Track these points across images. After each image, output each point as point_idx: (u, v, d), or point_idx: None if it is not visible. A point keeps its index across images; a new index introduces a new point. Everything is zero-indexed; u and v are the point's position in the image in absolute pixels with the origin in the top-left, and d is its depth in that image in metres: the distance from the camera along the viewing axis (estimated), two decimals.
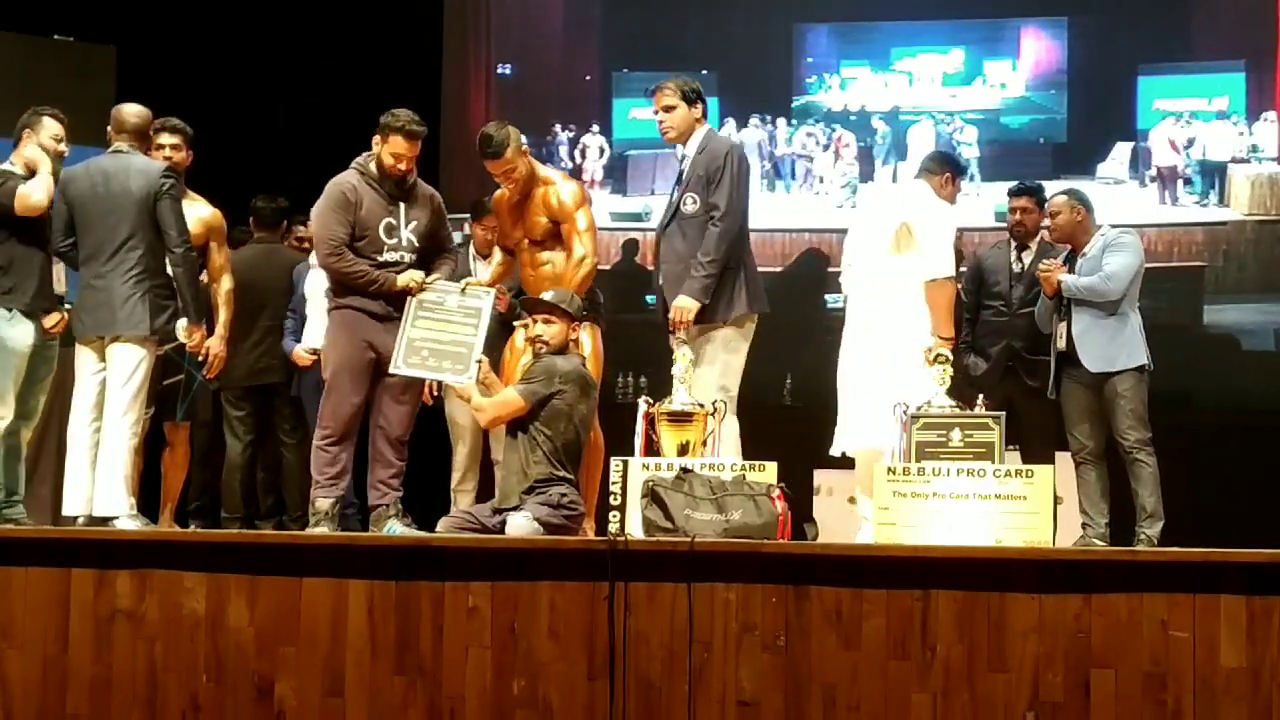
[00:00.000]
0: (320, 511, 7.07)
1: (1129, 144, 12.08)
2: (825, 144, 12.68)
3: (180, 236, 7.15)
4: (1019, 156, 12.39)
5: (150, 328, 7.06)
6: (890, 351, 7.05)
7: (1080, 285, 7.71)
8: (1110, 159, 12.08)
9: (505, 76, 12.66)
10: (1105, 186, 11.87)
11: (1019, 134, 12.60)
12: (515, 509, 6.74)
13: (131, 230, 7.09)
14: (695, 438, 6.63)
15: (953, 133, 12.46)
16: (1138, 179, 12.06)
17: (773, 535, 6.10)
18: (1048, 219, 8.15)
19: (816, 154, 12.68)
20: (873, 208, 7.69)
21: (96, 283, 7.11)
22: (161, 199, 7.11)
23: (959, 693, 5.71)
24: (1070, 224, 7.91)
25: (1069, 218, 7.91)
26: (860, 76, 12.83)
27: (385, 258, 7.19)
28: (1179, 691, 5.63)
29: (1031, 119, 12.60)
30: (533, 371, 6.96)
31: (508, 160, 7.37)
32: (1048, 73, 12.58)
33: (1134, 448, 7.65)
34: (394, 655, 5.99)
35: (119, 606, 6.13)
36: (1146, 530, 7.57)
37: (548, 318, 7.01)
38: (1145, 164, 12.07)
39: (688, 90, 7.39)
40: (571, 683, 5.88)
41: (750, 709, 5.79)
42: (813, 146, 12.69)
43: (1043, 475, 6.20)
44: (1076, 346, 7.74)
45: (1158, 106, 12.14)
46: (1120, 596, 5.68)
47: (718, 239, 7.18)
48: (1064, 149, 12.35)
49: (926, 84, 12.68)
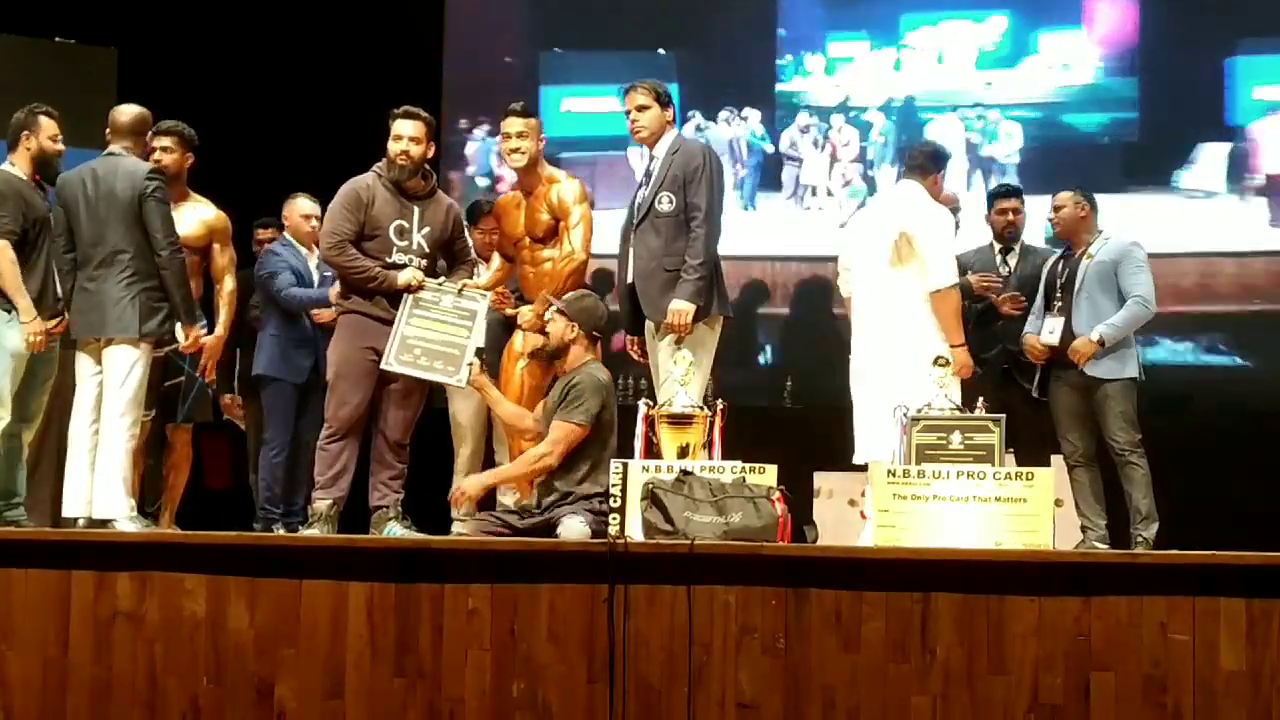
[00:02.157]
0: (317, 513, 7.08)
1: (1222, 145, 9.96)
2: (820, 142, 10.64)
3: (166, 239, 7.15)
4: (1078, 162, 10.06)
5: (140, 330, 7.06)
6: (902, 362, 7.05)
7: (1122, 325, 7.72)
8: (1196, 164, 9.94)
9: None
10: (1191, 201, 9.85)
11: (1082, 134, 10.28)
12: (545, 512, 6.78)
13: (121, 233, 7.10)
14: (695, 440, 6.63)
15: (986, 130, 10.38)
16: (1237, 191, 9.95)
17: (772, 538, 6.10)
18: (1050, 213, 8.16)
19: (809, 155, 10.72)
20: (867, 215, 7.66)
21: (90, 285, 7.12)
22: (146, 201, 7.11)
23: (959, 695, 5.71)
24: (1074, 219, 7.94)
25: (1073, 212, 7.95)
26: (856, 56, 10.51)
27: (394, 259, 7.20)
28: (1179, 694, 5.63)
29: (1106, 114, 10.20)
30: (577, 393, 6.92)
31: (533, 124, 7.48)
32: (1120, 50, 10.07)
33: (1125, 450, 7.68)
34: (394, 657, 5.99)
35: (119, 608, 6.13)
36: (1143, 532, 7.59)
37: (554, 316, 7.04)
38: (1246, 171, 9.87)
39: (660, 92, 7.49)
40: (571, 685, 5.89)
41: (750, 711, 5.79)
42: (806, 147, 10.74)
43: (1043, 478, 6.20)
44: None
45: (1257, 96, 9.94)
46: (1120, 599, 5.68)
47: (704, 241, 7.25)
48: (1137, 152, 10.15)
49: (952, 66, 10.38)
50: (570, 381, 6.98)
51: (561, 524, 6.70)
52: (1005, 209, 8.48)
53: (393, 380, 7.17)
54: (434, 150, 7.45)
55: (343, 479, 7.16)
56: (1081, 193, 8.05)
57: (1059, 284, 7.93)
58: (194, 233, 7.81)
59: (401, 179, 7.22)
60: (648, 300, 7.36)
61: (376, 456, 7.23)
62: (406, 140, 7.21)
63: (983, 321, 8.16)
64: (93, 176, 7.19)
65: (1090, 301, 7.80)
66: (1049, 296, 7.98)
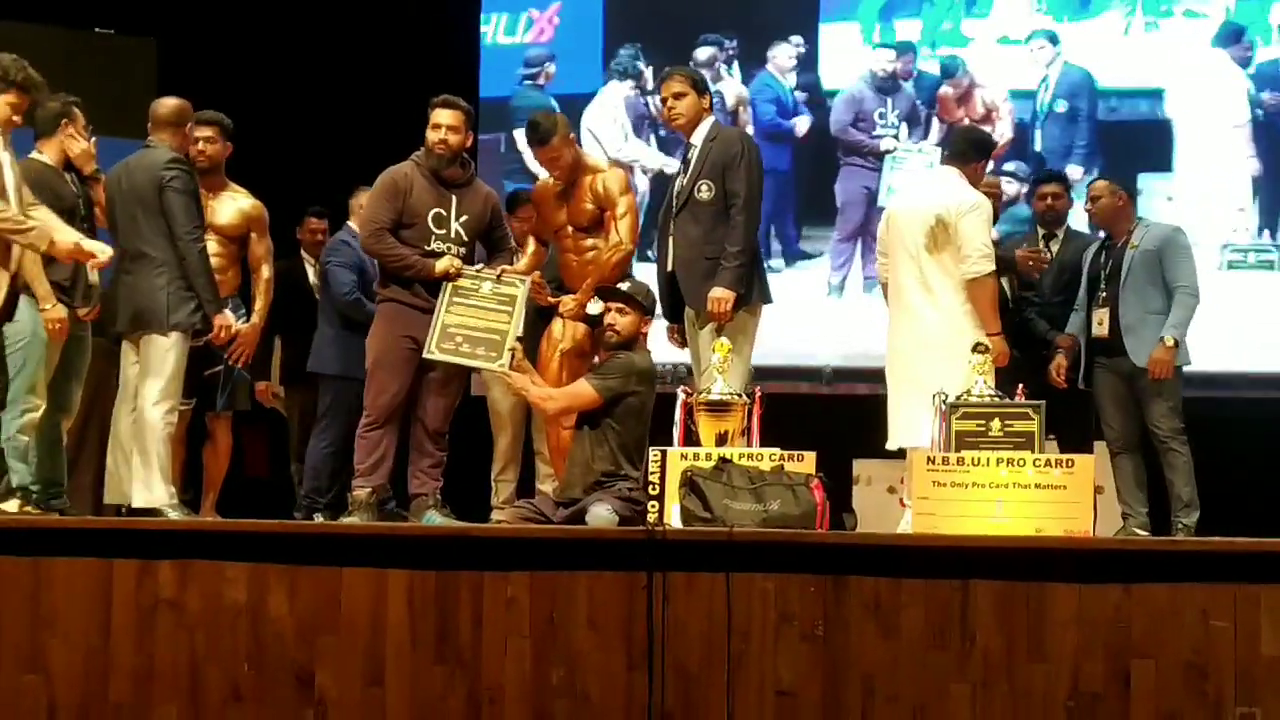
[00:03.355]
0: (357, 500, 7.11)
1: None
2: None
3: (185, 228, 7.13)
4: None
5: (169, 321, 7.07)
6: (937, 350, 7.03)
7: (1183, 321, 7.72)
8: None
9: None
10: None
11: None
12: (577, 501, 6.79)
13: (148, 224, 7.12)
14: (734, 427, 6.62)
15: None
16: None
17: (811, 525, 6.09)
18: (1087, 204, 8.14)
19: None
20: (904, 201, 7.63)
21: (125, 278, 7.16)
22: (165, 190, 7.12)
23: (998, 683, 5.69)
24: (1111, 208, 7.92)
25: (1110, 202, 7.93)
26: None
27: (432, 247, 7.22)
28: (1220, 682, 5.59)
29: None
30: (610, 367, 6.99)
31: (554, 148, 7.45)
32: None
33: (1168, 437, 7.66)
34: (433, 645, 6.00)
35: (161, 596, 6.15)
36: (1183, 520, 7.57)
37: (622, 307, 7.05)
38: None
39: (697, 78, 7.54)
40: (610, 672, 5.89)
41: (788, 699, 5.78)
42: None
43: (1083, 464, 6.17)
44: (1125, 337, 7.74)
45: None
46: (1160, 586, 5.65)
47: (744, 229, 7.25)
48: None
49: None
50: (613, 356, 7.02)
51: (589, 512, 6.71)
52: (1045, 194, 8.48)
53: (432, 368, 7.19)
54: (472, 139, 7.46)
55: (382, 467, 7.18)
56: (1118, 182, 8.03)
57: (1103, 275, 7.89)
58: (231, 222, 7.85)
59: (439, 167, 7.24)
60: (688, 289, 7.37)
61: (415, 445, 7.26)
62: (445, 129, 7.23)
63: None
64: (125, 170, 7.22)
65: (1137, 291, 7.77)
66: (1092, 288, 7.95)
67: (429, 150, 7.26)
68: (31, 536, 6.28)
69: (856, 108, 10.82)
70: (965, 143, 7.45)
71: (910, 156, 10.72)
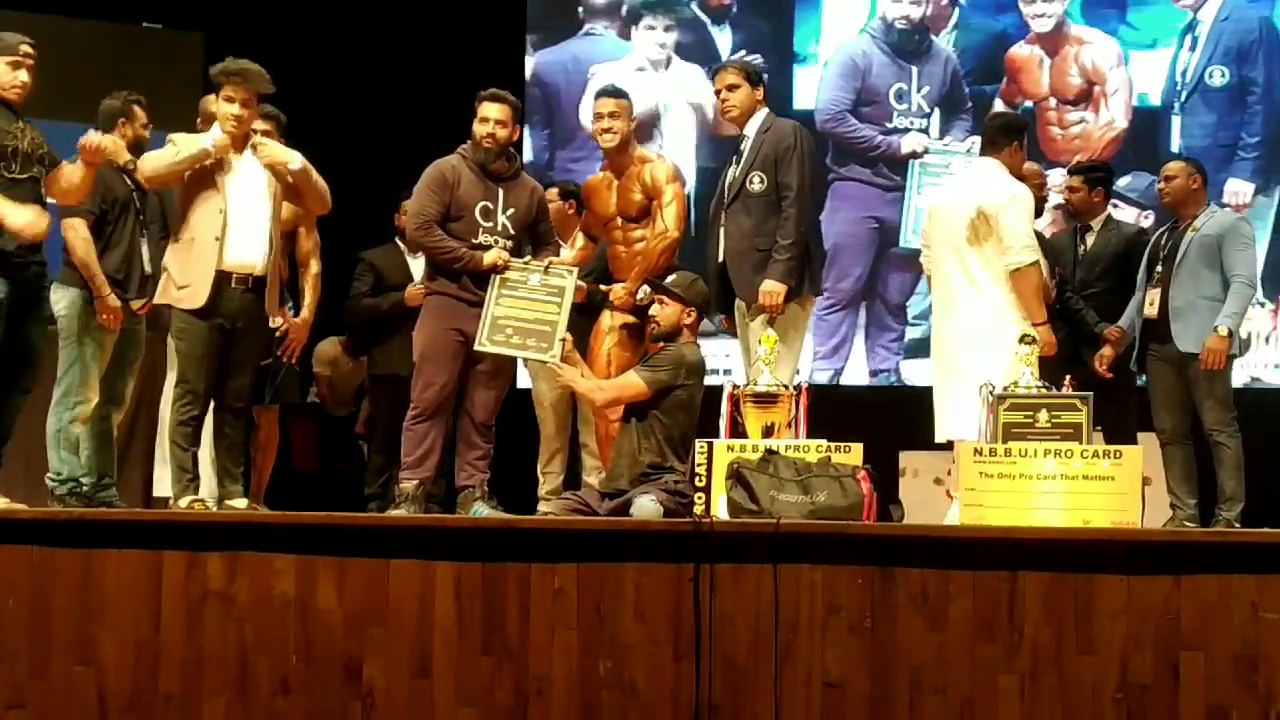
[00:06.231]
0: (404, 493, 7.13)
1: None
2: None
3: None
4: None
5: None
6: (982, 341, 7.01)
7: (1238, 311, 7.67)
8: None
9: None
10: None
11: None
12: (623, 493, 6.80)
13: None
14: (780, 419, 6.62)
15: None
16: None
17: (858, 517, 6.08)
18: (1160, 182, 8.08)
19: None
20: (946, 192, 7.60)
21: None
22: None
23: (1046, 675, 5.68)
24: (1184, 190, 7.87)
25: (1184, 184, 7.89)
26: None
27: (479, 240, 7.22)
28: (1270, 674, 5.57)
29: None
30: (659, 359, 6.99)
31: (624, 104, 7.52)
32: None
33: (1216, 429, 7.61)
34: (481, 636, 6.02)
35: (210, 588, 6.18)
36: (1225, 513, 7.51)
37: (663, 299, 7.05)
38: None
39: (751, 71, 7.56)
40: (657, 664, 5.89)
41: (836, 690, 5.78)
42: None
43: (1131, 456, 6.16)
44: (1172, 321, 7.69)
45: None
46: (1210, 578, 5.63)
47: (795, 221, 7.26)
48: None
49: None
50: (663, 349, 7.02)
51: (634, 504, 6.70)
52: (1068, 186, 8.51)
53: (479, 361, 7.20)
54: (519, 133, 7.47)
55: (429, 459, 7.19)
56: (1194, 164, 7.99)
57: (1161, 256, 7.86)
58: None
59: (486, 161, 7.25)
60: (739, 280, 7.37)
61: (463, 437, 7.27)
62: (493, 123, 7.24)
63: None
64: None
65: (1191, 274, 7.72)
66: (1150, 269, 7.91)
67: (476, 144, 7.27)
68: (81, 529, 6.32)
69: (858, 82, 8.68)
70: (994, 130, 7.43)
71: (952, 162, 8.58)
